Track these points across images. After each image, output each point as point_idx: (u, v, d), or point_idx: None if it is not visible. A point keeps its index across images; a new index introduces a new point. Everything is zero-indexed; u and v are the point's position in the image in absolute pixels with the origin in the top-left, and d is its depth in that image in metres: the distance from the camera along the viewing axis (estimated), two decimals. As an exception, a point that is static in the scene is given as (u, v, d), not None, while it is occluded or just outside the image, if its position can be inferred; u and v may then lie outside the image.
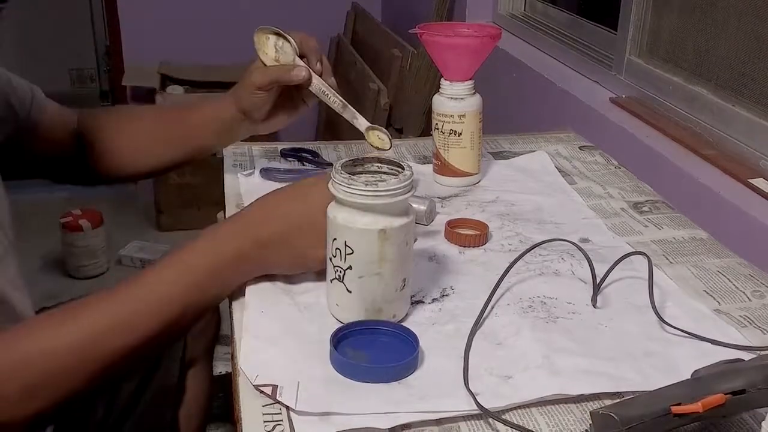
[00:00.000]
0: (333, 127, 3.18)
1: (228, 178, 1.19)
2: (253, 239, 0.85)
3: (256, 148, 1.30)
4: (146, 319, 0.80)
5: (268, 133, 1.14)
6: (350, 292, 0.80)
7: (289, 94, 1.09)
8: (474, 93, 1.16)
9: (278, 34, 1.06)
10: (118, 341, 0.79)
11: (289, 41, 1.06)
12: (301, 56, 1.06)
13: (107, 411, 1.07)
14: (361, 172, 0.83)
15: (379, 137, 1.08)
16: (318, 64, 1.07)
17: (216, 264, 0.83)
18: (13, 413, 0.75)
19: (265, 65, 1.06)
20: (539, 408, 0.72)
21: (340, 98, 1.07)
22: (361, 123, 1.09)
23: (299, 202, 0.85)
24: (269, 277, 0.89)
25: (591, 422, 0.65)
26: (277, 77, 1.05)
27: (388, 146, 1.07)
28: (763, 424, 0.60)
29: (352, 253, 0.79)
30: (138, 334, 0.79)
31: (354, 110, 1.08)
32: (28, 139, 1.09)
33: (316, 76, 1.06)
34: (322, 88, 1.06)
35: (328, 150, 1.32)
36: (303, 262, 0.87)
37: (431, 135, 1.20)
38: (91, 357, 0.78)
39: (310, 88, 1.06)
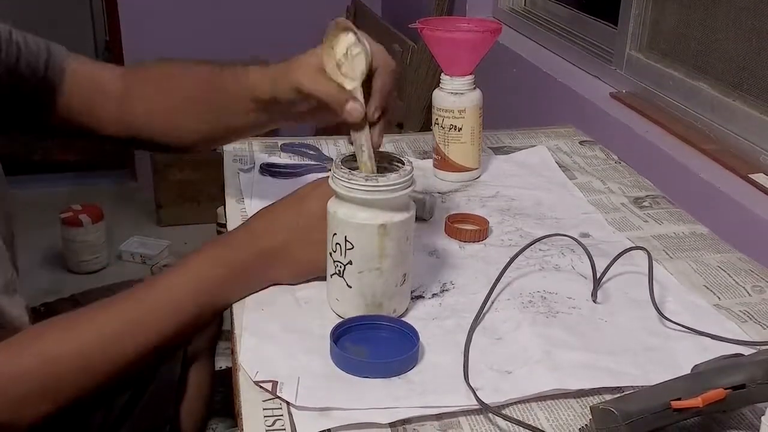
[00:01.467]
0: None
1: (228, 174, 1.19)
2: (257, 252, 0.85)
3: (256, 143, 1.30)
4: (154, 326, 0.80)
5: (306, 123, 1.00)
6: (350, 287, 0.80)
7: None
8: (474, 88, 1.16)
9: (357, 39, 0.82)
10: (126, 346, 0.79)
11: (365, 55, 0.82)
12: (369, 79, 0.84)
13: (108, 406, 1.07)
14: (361, 168, 0.83)
15: None
16: (377, 113, 0.83)
17: (223, 275, 0.84)
18: (20, 415, 0.75)
19: (324, 69, 0.84)
20: (539, 403, 0.72)
21: (374, 163, 0.82)
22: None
23: (297, 212, 0.85)
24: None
25: (591, 417, 0.65)
26: (326, 96, 0.84)
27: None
28: (762, 419, 0.60)
29: (352, 248, 0.79)
30: (145, 340, 0.80)
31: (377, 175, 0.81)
32: (50, 101, 1.01)
33: (366, 127, 0.82)
34: (363, 141, 0.82)
35: (328, 145, 1.32)
36: (307, 271, 0.87)
37: (431, 130, 1.20)
38: (99, 362, 0.78)
39: (351, 135, 0.84)
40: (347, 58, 0.83)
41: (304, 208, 0.85)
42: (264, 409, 0.70)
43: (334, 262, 0.81)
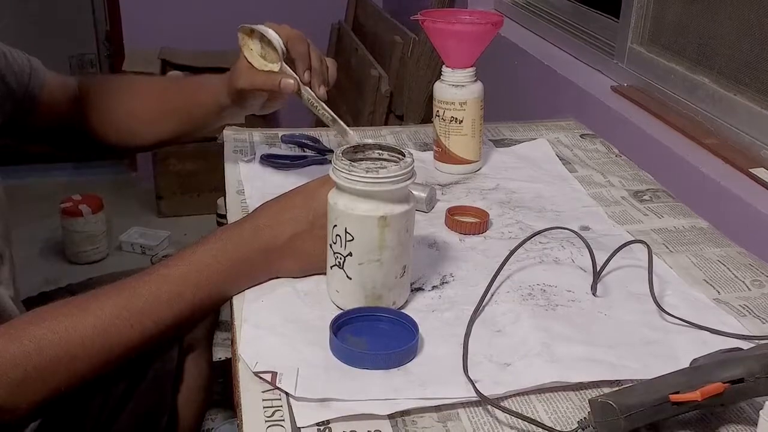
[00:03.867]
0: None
1: (228, 165, 1.19)
2: (261, 245, 0.85)
3: (257, 134, 1.30)
4: (152, 315, 0.81)
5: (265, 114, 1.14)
6: (350, 278, 0.80)
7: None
8: (475, 80, 1.16)
9: (261, 31, 1.01)
10: (125, 334, 0.79)
11: (274, 47, 1.01)
12: (290, 59, 1.02)
13: (105, 396, 1.07)
14: (362, 159, 0.83)
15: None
16: (306, 73, 1.02)
17: (225, 268, 0.84)
18: (17, 400, 0.76)
19: (252, 65, 1.03)
20: (538, 395, 0.72)
21: (330, 111, 1.02)
22: (351, 140, 1.02)
23: (304, 207, 0.85)
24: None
25: (590, 410, 0.65)
26: (263, 85, 1.03)
27: None
28: (761, 413, 0.60)
29: (353, 239, 0.79)
30: (143, 328, 0.80)
31: (344, 125, 1.03)
32: (28, 113, 1.09)
33: (305, 87, 1.02)
34: (311, 99, 1.02)
35: (329, 136, 1.31)
36: (310, 266, 0.87)
37: (432, 122, 1.20)
38: (98, 348, 0.79)
39: (302, 99, 1.02)
40: (264, 48, 1.02)
41: (314, 203, 0.85)
42: (263, 399, 0.70)
43: (335, 253, 0.81)
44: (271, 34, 1.00)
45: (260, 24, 1.02)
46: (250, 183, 1.13)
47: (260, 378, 0.72)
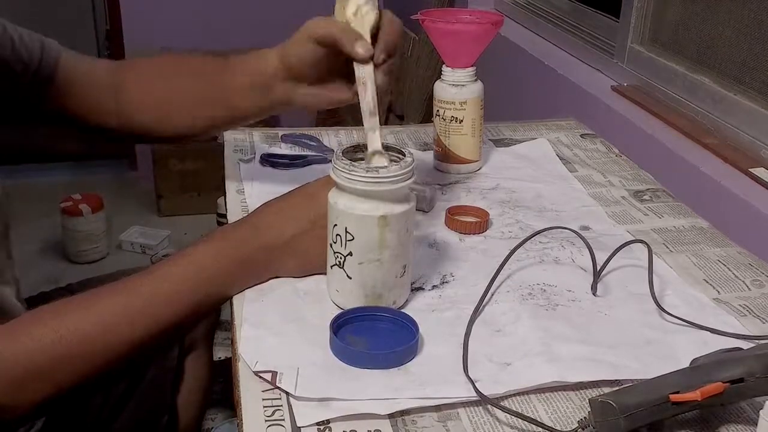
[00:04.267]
0: (334, 113, 3.18)
1: (228, 164, 1.19)
2: (263, 245, 0.85)
3: (257, 133, 1.30)
4: (153, 313, 0.80)
5: (309, 108, 1.00)
6: (350, 278, 0.80)
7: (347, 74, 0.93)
8: (476, 80, 1.16)
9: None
10: (125, 333, 0.80)
11: (374, 13, 0.90)
12: (375, 36, 0.90)
13: (105, 395, 1.07)
14: (362, 159, 0.83)
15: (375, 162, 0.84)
16: (382, 56, 0.89)
17: (226, 267, 0.83)
18: (18, 398, 0.76)
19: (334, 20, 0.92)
20: (538, 395, 0.72)
21: (375, 101, 0.87)
22: (373, 141, 0.84)
23: (306, 207, 0.85)
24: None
25: (590, 410, 0.65)
26: (337, 38, 0.89)
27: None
28: (761, 412, 0.60)
29: (353, 239, 0.79)
30: (144, 327, 0.80)
31: (378, 123, 0.86)
32: (43, 93, 1.04)
33: (371, 65, 0.88)
34: (367, 79, 0.88)
35: (329, 136, 1.31)
36: (311, 266, 0.87)
37: (432, 122, 1.20)
38: (99, 347, 0.79)
39: (356, 72, 0.89)
40: (356, 17, 0.90)
41: (315, 202, 0.84)
42: (263, 399, 0.70)
43: (335, 253, 0.81)
44: (376, 6, 0.91)
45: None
46: (250, 183, 1.13)
47: (260, 377, 0.72)
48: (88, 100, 1.06)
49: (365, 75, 0.88)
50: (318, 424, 0.67)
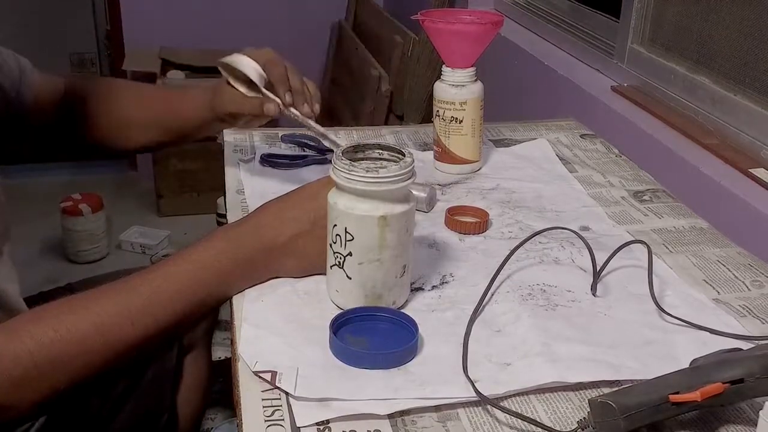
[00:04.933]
0: (334, 113, 3.18)
1: (228, 164, 1.19)
2: (263, 245, 0.85)
3: (257, 134, 1.30)
4: (153, 313, 0.80)
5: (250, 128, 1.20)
6: (350, 278, 0.80)
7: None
8: (475, 80, 1.16)
9: (233, 62, 1.05)
10: (125, 333, 0.79)
11: (252, 81, 1.05)
12: (269, 83, 1.06)
13: (105, 395, 1.07)
14: (362, 159, 0.83)
15: None
16: (287, 95, 1.05)
17: (226, 267, 0.83)
18: (17, 398, 0.76)
19: (237, 89, 1.07)
20: (538, 395, 0.72)
21: (318, 127, 1.07)
22: (336, 140, 1.09)
23: (306, 207, 0.85)
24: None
25: (589, 410, 0.65)
26: (251, 110, 1.07)
27: None
28: (761, 413, 0.60)
29: (352, 239, 0.79)
30: (143, 327, 0.80)
31: (334, 138, 1.08)
32: (20, 116, 1.10)
33: (290, 108, 1.05)
34: (297, 118, 1.06)
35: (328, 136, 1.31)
36: (311, 266, 0.87)
37: (432, 122, 1.20)
38: (98, 346, 0.78)
39: (289, 117, 1.06)
40: (244, 76, 1.05)
41: (315, 203, 0.84)
42: (263, 399, 0.70)
43: (334, 253, 0.81)
44: (245, 64, 1.04)
45: (238, 52, 1.07)
46: (250, 183, 1.13)
47: (260, 377, 0.72)
48: (51, 116, 1.15)
49: (297, 119, 1.05)
50: (318, 424, 0.67)
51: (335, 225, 0.80)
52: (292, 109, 1.05)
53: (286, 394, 0.70)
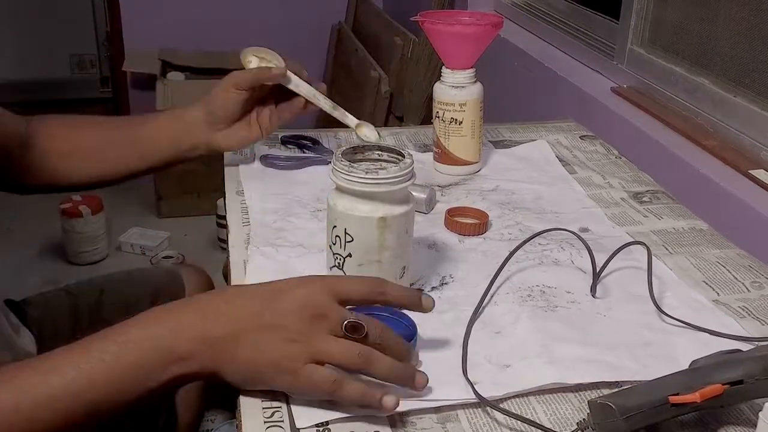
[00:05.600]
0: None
1: (228, 165, 1.19)
2: (201, 338, 0.68)
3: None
4: (78, 396, 0.68)
5: (225, 148, 1.14)
6: (350, 279, 0.80)
7: (264, 107, 1.11)
8: (475, 81, 1.16)
9: (262, 57, 1.10)
10: (47, 419, 0.67)
11: (269, 59, 1.09)
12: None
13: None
14: (361, 160, 0.83)
15: (366, 133, 1.10)
16: (305, 72, 1.10)
17: (157, 358, 0.68)
18: None
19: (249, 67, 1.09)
20: (537, 397, 0.72)
21: (330, 101, 1.11)
22: (351, 121, 1.10)
23: (267, 305, 0.69)
24: (269, 263, 0.89)
25: (589, 411, 0.65)
26: (258, 76, 1.07)
27: (374, 139, 1.09)
28: (760, 414, 0.60)
29: (352, 240, 0.79)
30: (66, 410, 0.68)
31: (343, 110, 1.11)
32: None
33: (304, 83, 1.09)
34: (312, 92, 1.10)
35: (328, 137, 1.32)
36: (259, 378, 0.69)
37: (432, 123, 1.20)
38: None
39: (300, 93, 1.09)
40: (262, 62, 1.10)
41: (281, 300, 0.69)
42: (263, 400, 0.70)
43: (334, 254, 0.81)
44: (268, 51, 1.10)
45: (240, 52, 1.10)
46: (250, 183, 1.13)
47: (259, 379, 0.72)
48: (14, 156, 1.07)
49: (309, 90, 1.09)
50: (317, 425, 0.67)
51: (335, 226, 0.80)
52: (307, 85, 1.09)
53: (286, 395, 0.70)
